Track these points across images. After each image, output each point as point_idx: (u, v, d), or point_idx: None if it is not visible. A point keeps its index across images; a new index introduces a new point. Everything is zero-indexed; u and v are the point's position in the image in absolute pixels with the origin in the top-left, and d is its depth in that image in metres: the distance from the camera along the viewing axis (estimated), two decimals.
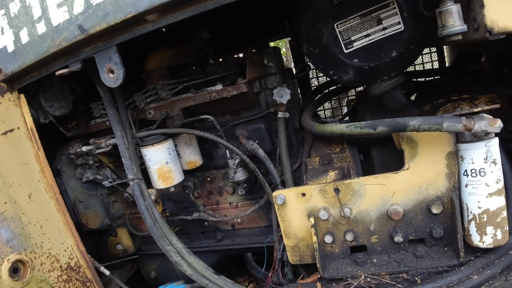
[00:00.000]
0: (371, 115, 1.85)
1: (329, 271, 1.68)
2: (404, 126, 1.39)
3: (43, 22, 1.56)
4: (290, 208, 1.69)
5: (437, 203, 1.54)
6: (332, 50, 1.57)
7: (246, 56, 1.96)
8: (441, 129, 1.35)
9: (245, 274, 3.07)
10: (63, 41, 1.53)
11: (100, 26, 1.42)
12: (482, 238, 1.48)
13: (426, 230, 1.60)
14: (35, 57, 1.64)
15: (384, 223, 1.62)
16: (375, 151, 1.82)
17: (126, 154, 1.91)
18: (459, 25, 1.21)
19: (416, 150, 1.52)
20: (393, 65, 1.55)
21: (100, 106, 2.15)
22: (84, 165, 2.31)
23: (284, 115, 1.92)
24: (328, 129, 1.69)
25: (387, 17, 1.47)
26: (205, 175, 2.35)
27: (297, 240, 1.74)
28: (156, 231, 1.84)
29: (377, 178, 1.57)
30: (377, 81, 1.63)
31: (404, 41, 1.49)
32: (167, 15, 1.37)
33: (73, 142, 2.28)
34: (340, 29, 1.52)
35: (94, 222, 2.39)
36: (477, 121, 1.34)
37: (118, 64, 1.54)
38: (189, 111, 2.08)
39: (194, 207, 2.39)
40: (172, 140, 2.07)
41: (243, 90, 1.87)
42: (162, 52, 2.14)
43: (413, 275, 1.58)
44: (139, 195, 1.87)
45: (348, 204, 1.62)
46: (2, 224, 1.67)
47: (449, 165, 1.51)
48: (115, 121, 1.91)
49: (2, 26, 1.69)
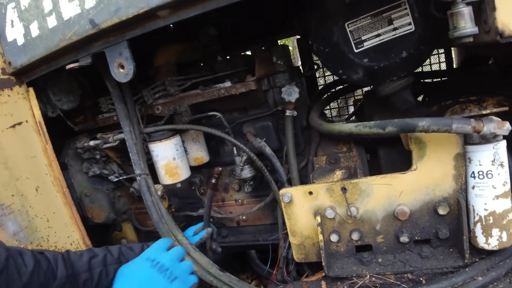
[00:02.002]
0: (379, 115, 1.85)
1: (334, 269, 1.68)
2: (413, 127, 1.39)
3: (54, 16, 1.57)
4: (296, 206, 1.69)
5: (444, 204, 1.54)
6: (342, 49, 1.57)
7: (255, 54, 1.96)
8: (450, 131, 1.35)
9: (248, 271, 3.08)
10: (74, 35, 1.53)
11: (111, 21, 1.43)
12: (488, 240, 1.48)
13: (432, 231, 1.60)
14: (45, 51, 1.64)
15: (390, 223, 1.62)
16: (382, 151, 1.82)
17: (134, 149, 1.91)
18: (471, 27, 1.21)
19: (424, 151, 1.52)
20: (402, 65, 1.55)
21: (108, 101, 2.16)
22: (91, 160, 2.31)
23: (292, 113, 1.92)
24: (336, 128, 1.69)
25: (398, 17, 1.47)
26: (212, 172, 2.36)
27: (302, 238, 1.74)
28: (162, 226, 1.84)
29: (385, 178, 1.57)
30: (386, 81, 1.63)
31: (415, 41, 1.49)
32: (179, 11, 1.37)
33: (80, 136, 2.28)
34: (350, 28, 1.53)
35: (99, 216, 2.39)
36: (486, 123, 1.34)
37: (128, 59, 1.54)
38: (196, 107, 2.08)
39: (199, 204, 2.40)
40: (179, 136, 2.07)
41: (252, 87, 1.87)
42: (171, 48, 2.14)
43: (418, 276, 1.58)
44: (146, 190, 1.87)
45: (355, 204, 1.62)
46: (9, 217, 1.68)
47: (457, 167, 1.51)
48: (123, 116, 1.92)
49: (12, 19, 1.70)
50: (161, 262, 1.40)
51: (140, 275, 1.35)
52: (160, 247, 1.51)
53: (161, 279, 1.35)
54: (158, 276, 1.35)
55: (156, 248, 1.49)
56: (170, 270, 1.40)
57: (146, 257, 1.43)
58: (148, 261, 1.40)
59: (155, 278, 1.34)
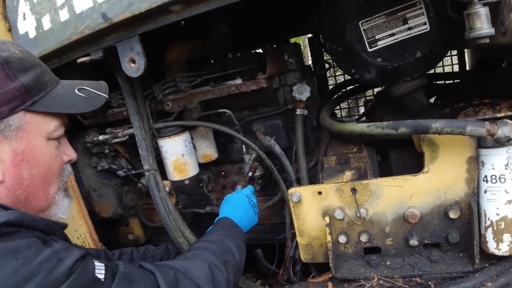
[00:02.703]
0: (390, 116, 1.83)
1: (342, 271, 1.67)
2: (427, 128, 1.37)
3: (66, 9, 1.56)
4: (305, 206, 1.68)
5: (455, 208, 1.51)
6: (355, 49, 1.55)
7: (267, 52, 1.94)
8: (464, 133, 1.32)
9: (253, 270, 3.07)
10: (86, 29, 1.53)
11: (123, 15, 1.42)
12: (499, 245, 1.46)
13: (442, 234, 1.58)
14: (57, 44, 1.64)
15: (400, 226, 1.60)
16: (393, 152, 1.80)
17: (143, 145, 1.91)
18: (487, 28, 1.19)
19: (437, 153, 1.49)
20: (416, 66, 1.53)
21: (118, 96, 2.16)
22: (100, 154, 2.32)
23: (303, 112, 1.90)
24: (348, 128, 1.67)
25: (413, 17, 1.45)
26: (220, 169, 2.35)
27: (310, 239, 1.73)
28: (170, 223, 1.84)
29: (395, 180, 1.55)
30: (399, 81, 1.61)
31: (429, 42, 1.46)
32: (192, 7, 1.36)
33: (89, 130, 2.28)
34: (364, 27, 1.51)
35: (107, 211, 2.40)
36: (501, 127, 1.32)
37: (140, 54, 1.53)
38: (206, 104, 2.07)
39: (207, 201, 2.39)
40: (188, 133, 2.07)
41: (263, 85, 1.86)
42: (182, 45, 2.14)
43: (426, 280, 1.56)
44: (154, 186, 1.87)
45: (364, 205, 1.60)
46: None
47: (469, 170, 1.48)
48: (133, 111, 1.91)
49: (24, 12, 1.70)
50: (252, 200, 1.86)
51: (242, 203, 1.81)
52: (251, 190, 1.94)
53: (252, 211, 1.81)
54: (250, 208, 1.81)
55: (251, 190, 1.94)
56: (256, 207, 1.86)
57: (245, 194, 1.86)
58: (247, 197, 1.84)
59: (249, 209, 1.80)
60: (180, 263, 1.30)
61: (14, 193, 1.08)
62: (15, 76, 1.04)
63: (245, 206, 1.80)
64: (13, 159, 1.06)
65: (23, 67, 1.08)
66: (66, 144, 1.27)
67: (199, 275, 1.25)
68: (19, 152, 1.07)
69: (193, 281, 1.22)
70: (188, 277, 1.22)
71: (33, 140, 1.10)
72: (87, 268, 0.97)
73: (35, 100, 1.09)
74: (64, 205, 1.27)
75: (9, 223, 0.91)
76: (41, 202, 1.16)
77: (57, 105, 1.15)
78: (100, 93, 1.29)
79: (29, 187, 1.11)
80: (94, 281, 0.96)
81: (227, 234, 1.56)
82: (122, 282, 1.01)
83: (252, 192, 1.94)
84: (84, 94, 1.24)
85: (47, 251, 0.92)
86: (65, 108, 1.17)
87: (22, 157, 1.07)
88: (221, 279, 1.31)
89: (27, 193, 1.11)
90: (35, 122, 1.10)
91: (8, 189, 1.07)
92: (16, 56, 1.07)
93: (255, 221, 1.85)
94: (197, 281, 1.23)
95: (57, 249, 0.94)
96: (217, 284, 1.29)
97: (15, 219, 0.93)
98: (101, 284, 0.97)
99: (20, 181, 1.08)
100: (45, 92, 1.13)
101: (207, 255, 1.37)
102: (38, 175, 1.13)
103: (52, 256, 0.91)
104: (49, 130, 1.14)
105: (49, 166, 1.15)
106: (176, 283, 1.17)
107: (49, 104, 1.13)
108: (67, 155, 1.26)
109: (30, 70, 1.10)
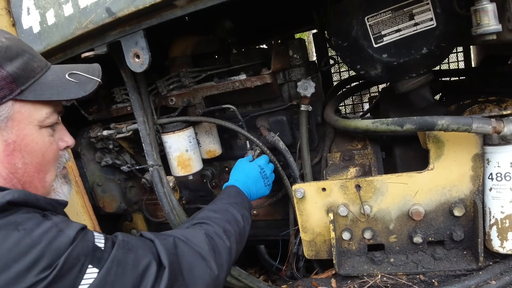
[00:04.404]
0: (395, 112, 1.82)
1: (345, 268, 1.66)
2: (433, 125, 1.36)
3: (70, 4, 1.56)
4: (309, 202, 1.68)
5: (460, 205, 1.51)
6: (361, 44, 1.54)
7: (271, 47, 1.93)
8: (470, 130, 1.31)
9: (256, 266, 3.07)
10: (90, 23, 1.52)
11: (128, 10, 1.41)
12: (503, 243, 1.45)
13: (446, 232, 1.57)
14: (61, 39, 1.64)
15: (404, 223, 1.60)
16: (398, 149, 1.79)
17: (147, 140, 1.91)
18: (494, 24, 1.18)
19: (442, 150, 1.49)
20: (422, 62, 1.52)
21: (122, 91, 2.15)
22: (104, 149, 2.32)
23: (307, 108, 1.89)
24: (353, 125, 1.66)
25: (420, 12, 1.43)
26: (224, 165, 2.35)
27: (314, 235, 1.73)
28: (173, 218, 1.84)
29: (400, 176, 1.54)
30: (405, 78, 1.60)
31: (436, 38, 1.45)
32: (197, 1, 1.35)
33: (94, 126, 2.29)
34: (370, 22, 1.49)
35: (111, 206, 2.40)
36: (507, 124, 1.31)
37: (144, 49, 1.53)
38: (210, 100, 2.07)
39: (210, 196, 2.39)
40: (192, 128, 2.06)
41: (267, 81, 1.85)
42: (187, 40, 2.13)
43: (430, 277, 1.56)
44: (158, 181, 1.87)
45: (369, 202, 1.60)
46: None
47: (475, 168, 1.47)
48: (137, 107, 1.91)
49: (29, 6, 1.70)
50: (265, 171, 1.85)
51: (253, 173, 1.81)
52: (266, 160, 1.92)
53: (262, 182, 1.82)
54: (261, 179, 1.82)
55: (265, 159, 1.91)
56: (268, 178, 1.86)
57: (258, 164, 1.86)
58: (259, 167, 1.84)
59: (259, 180, 1.81)
60: (180, 231, 1.31)
61: (10, 182, 1.08)
62: (1, 65, 1.03)
63: (256, 176, 1.81)
64: (5, 149, 1.06)
65: (10, 55, 1.06)
66: (62, 130, 1.25)
67: (199, 242, 1.26)
68: (10, 142, 1.06)
69: (193, 248, 1.22)
70: (187, 244, 1.23)
71: (24, 129, 1.09)
72: (87, 237, 0.98)
73: (23, 88, 1.07)
74: (64, 191, 1.26)
75: (14, 201, 0.92)
76: (38, 190, 1.15)
77: (46, 92, 1.13)
78: (92, 77, 1.24)
79: (24, 176, 1.11)
80: (94, 249, 0.97)
81: (233, 202, 1.58)
82: (121, 249, 1.02)
83: (267, 162, 1.93)
84: (75, 79, 1.20)
85: (48, 223, 0.93)
86: (54, 94, 1.14)
87: (14, 147, 1.07)
88: (222, 247, 1.32)
89: (22, 182, 1.11)
90: (25, 111, 1.09)
91: (4, 178, 1.07)
92: (2, 45, 1.05)
93: (265, 193, 1.87)
94: (196, 248, 1.23)
95: (56, 222, 0.96)
96: (218, 252, 1.29)
97: (19, 197, 0.93)
98: (101, 252, 0.98)
99: (14, 170, 1.08)
100: (33, 79, 1.11)
101: (209, 223, 1.39)
102: (32, 164, 1.12)
103: (52, 227, 0.93)
104: (40, 118, 1.12)
105: (43, 154, 1.14)
106: (175, 249, 1.17)
107: (38, 91, 1.11)
108: (64, 142, 1.25)
109: (17, 58, 1.08)
